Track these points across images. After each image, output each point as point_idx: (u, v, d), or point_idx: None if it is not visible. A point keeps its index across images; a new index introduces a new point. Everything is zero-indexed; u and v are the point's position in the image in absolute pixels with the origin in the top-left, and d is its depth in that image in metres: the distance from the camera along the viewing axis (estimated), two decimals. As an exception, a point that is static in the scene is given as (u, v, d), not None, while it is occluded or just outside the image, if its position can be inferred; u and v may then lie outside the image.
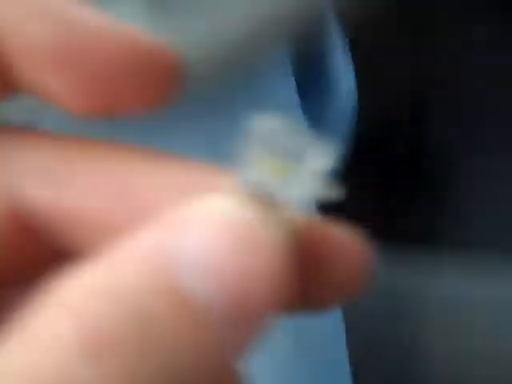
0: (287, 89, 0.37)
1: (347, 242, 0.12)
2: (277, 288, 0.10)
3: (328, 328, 0.39)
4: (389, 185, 0.64)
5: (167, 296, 0.09)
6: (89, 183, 0.12)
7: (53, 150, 0.12)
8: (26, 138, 0.12)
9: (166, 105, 0.12)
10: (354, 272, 0.12)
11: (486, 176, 0.62)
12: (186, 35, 0.42)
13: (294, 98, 0.38)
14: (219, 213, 0.10)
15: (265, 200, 0.11)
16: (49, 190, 0.12)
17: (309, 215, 0.11)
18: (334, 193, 0.11)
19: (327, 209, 0.14)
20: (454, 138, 0.64)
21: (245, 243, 0.10)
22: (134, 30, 0.12)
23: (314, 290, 0.12)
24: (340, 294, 0.12)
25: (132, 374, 0.09)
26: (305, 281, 0.11)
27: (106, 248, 0.10)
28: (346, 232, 0.12)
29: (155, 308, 0.09)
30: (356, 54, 0.44)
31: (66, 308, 0.09)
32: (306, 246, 0.11)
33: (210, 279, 0.09)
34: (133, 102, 0.12)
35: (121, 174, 0.12)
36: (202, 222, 0.10)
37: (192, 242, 0.10)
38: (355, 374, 0.38)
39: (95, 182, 0.12)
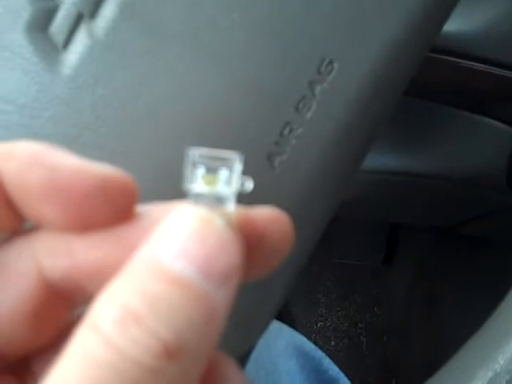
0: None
1: (272, 218, 0.17)
2: (230, 255, 0.15)
3: None
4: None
5: (167, 280, 0.14)
6: (89, 245, 0.17)
7: (56, 231, 0.17)
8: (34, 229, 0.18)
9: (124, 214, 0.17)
10: (278, 238, 0.17)
11: None
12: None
13: None
14: (184, 218, 0.15)
15: (209, 202, 0.16)
16: (65, 259, 0.17)
17: (239, 205, 0.17)
18: (249, 186, 0.17)
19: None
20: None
21: (204, 232, 0.15)
22: (98, 166, 0.16)
23: (257, 257, 0.17)
24: (275, 255, 0.18)
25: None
26: (250, 251, 0.16)
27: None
28: (269, 211, 0.17)
29: (160, 288, 0.14)
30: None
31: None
32: (244, 226, 0.17)
33: (189, 261, 0.14)
34: (101, 215, 0.17)
35: (109, 230, 0.17)
36: (174, 228, 0.15)
37: (171, 241, 0.14)
38: None
39: (93, 242, 0.17)
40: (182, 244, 0.14)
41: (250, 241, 0.17)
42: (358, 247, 1.15)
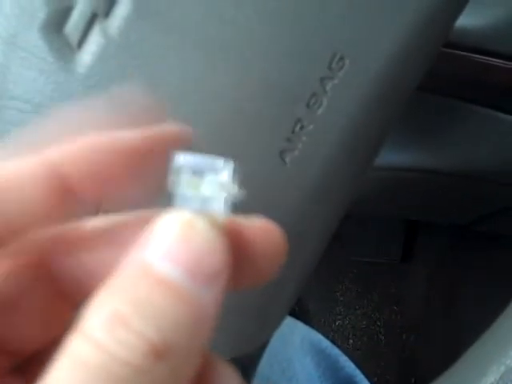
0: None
1: (262, 228, 0.17)
2: (215, 256, 0.15)
3: None
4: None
5: (154, 282, 0.14)
6: (91, 249, 0.18)
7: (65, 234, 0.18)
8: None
9: None
10: (269, 249, 0.17)
11: None
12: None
13: None
14: (168, 222, 0.15)
15: (196, 206, 0.16)
16: (70, 261, 0.18)
17: (227, 212, 0.17)
18: (238, 193, 0.17)
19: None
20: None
21: (188, 235, 0.15)
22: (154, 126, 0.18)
23: (248, 265, 0.17)
24: (267, 266, 0.18)
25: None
26: (239, 258, 0.17)
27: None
28: (260, 221, 0.18)
29: (147, 290, 0.14)
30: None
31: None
32: (231, 232, 0.17)
33: (174, 263, 0.15)
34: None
35: (106, 237, 0.18)
36: (160, 232, 0.15)
37: (157, 245, 0.15)
38: None
39: (95, 245, 0.18)
40: (167, 247, 0.15)
41: (238, 247, 0.17)
42: (376, 245, 1.15)
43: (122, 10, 0.27)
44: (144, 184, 0.18)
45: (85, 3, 0.27)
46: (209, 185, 0.17)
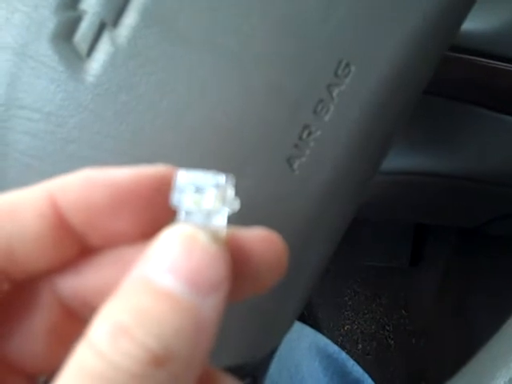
0: None
1: (262, 237, 0.18)
2: (215, 267, 0.16)
3: None
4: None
5: (155, 294, 0.15)
6: (94, 268, 0.19)
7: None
8: None
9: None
10: (270, 259, 0.18)
11: None
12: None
13: None
14: (170, 236, 0.16)
15: (198, 220, 0.17)
16: (74, 280, 0.19)
17: (228, 224, 0.18)
18: (235, 206, 0.18)
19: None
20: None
21: (189, 248, 0.16)
22: (147, 166, 0.18)
23: (248, 275, 0.18)
24: (267, 275, 0.18)
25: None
26: (240, 268, 0.18)
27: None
28: (260, 231, 0.18)
29: (148, 302, 0.15)
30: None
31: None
32: (231, 244, 0.18)
33: (176, 276, 0.15)
34: (165, 212, 0.18)
35: (110, 257, 0.19)
36: (161, 246, 0.16)
37: (158, 258, 0.16)
38: None
39: (97, 263, 0.19)
40: (169, 260, 0.16)
41: (239, 258, 0.18)
42: (384, 249, 1.15)
43: (129, 19, 0.28)
44: (130, 218, 0.18)
45: (93, 13, 0.28)
46: (211, 200, 0.17)
